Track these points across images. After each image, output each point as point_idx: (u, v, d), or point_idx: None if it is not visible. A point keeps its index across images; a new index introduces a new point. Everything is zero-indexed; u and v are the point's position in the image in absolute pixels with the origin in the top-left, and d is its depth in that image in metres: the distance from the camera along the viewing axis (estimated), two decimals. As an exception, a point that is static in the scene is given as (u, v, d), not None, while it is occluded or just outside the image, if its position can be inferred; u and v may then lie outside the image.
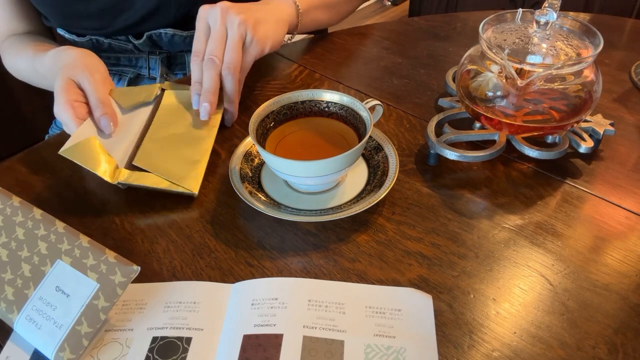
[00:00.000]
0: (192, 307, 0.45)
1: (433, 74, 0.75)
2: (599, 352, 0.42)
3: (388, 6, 2.97)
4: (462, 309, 0.45)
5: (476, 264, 0.49)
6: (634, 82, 0.72)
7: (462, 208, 0.54)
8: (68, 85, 0.60)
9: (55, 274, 0.44)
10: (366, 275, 0.48)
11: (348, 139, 0.55)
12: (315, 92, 0.57)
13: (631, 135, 0.63)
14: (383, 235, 0.52)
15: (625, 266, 0.48)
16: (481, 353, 0.42)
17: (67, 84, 0.60)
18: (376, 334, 0.42)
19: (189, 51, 0.83)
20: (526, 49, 0.54)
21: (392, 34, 0.86)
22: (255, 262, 0.50)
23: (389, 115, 0.67)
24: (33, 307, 0.43)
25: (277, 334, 0.42)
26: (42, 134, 0.95)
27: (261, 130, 0.55)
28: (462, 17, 0.91)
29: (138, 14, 0.76)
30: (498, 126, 0.57)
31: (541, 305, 0.45)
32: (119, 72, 0.86)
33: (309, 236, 0.52)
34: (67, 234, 0.45)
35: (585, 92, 0.55)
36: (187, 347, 0.42)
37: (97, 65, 0.64)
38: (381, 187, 0.52)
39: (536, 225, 0.52)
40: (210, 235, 0.52)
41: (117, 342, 0.43)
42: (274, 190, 0.55)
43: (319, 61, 0.79)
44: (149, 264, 0.50)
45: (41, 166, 0.61)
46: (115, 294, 0.42)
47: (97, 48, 0.83)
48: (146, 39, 0.79)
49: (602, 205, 0.54)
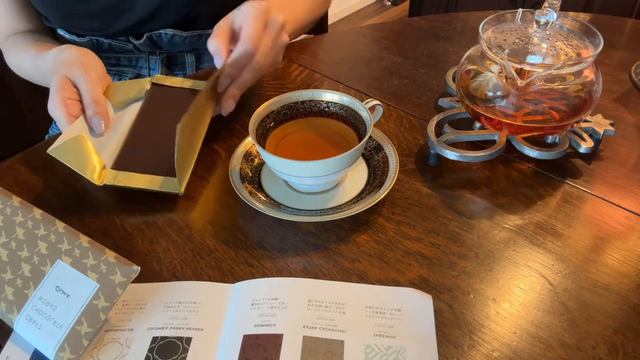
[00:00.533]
0: (192, 307, 0.45)
1: (433, 74, 0.75)
2: (599, 352, 0.42)
3: (388, 6, 2.97)
4: (462, 309, 0.45)
5: (476, 264, 0.49)
6: (634, 82, 0.72)
7: (462, 208, 0.54)
8: (63, 82, 0.60)
9: (55, 274, 0.44)
10: (366, 275, 0.48)
11: (348, 139, 0.55)
12: (315, 92, 0.57)
13: (631, 135, 0.63)
14: (383, 235, 0.52)
15: (625, 266, 0.48)
16: (481, 353, 0.42)
17: (62, 81, 0.60)
18: (376, 334, 0.42)
19: (189, 51, 0.83)
20: (526, 49, 0.54)
21: (392, 34, 0.86)
22: (255, 262, 0.50)
23: (389, 115, 0.67)
24: (33, 307, 0.43)
25: (277, 334, 0.42)
26: (42, 134, 0.95)
27: (261, 130, 0.55)
28: (462, 17, 0.91)
29: (138, 15, 0.76)
30: (498, 126, 0.57)
31: (541, 305, 0.45)
32: (119, 72, 0.86)
33: (309, 236, 0.52)
34: (67, 234, 0.45)
35: (585, 92, 0.55)
36: (187, 347, 0.42)
37: (94, 63, 0.64)
38: (381, 187, 0.52)
39: (536, 225, 0.52)
40: (210, 235, 0.52)
41: (117, 342, 0.43)
42: (274, 190, 0.55)
43: (319, 61, 0.79)
44: (149, 264, 0.50)
45: (41, 166, 0.61)
46: (115, 294, 0.42)
47: (97, 48, 0.83)
48: (146, 39, 0.79)
49: (602, 205, 0.54)
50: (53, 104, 0.59)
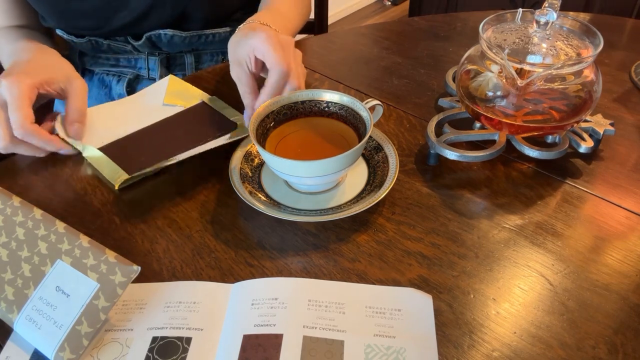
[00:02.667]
0: (192, 307, 0.45)
1: (433, 74, 0.75)
2: (599, 352, 0.42)
3: (388, 6, 2.97)
4: (462, 309, 0.45)
5: (476, 264, 0.49)
6: (634, 82, 0.72)
7: (462, 208, 0.54)
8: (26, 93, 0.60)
9: (55, 274, 0.44)
10: (366, 275, 0.48)
11: (348, 139, 0.55)
12: (315, 92, 0.57)
13: (631, 135, 0.63)
14: (383, 235, 0.52)
15: (625, 266, 0.48)
16: (481, 353, 0.42)
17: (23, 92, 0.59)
18: (376, 334, 0.42)
19: (188, 52, 0.83)
20: (526, 49, 0.54)
21: (392, 34, 0.86)
22: (255, 262, 0.50)
23: (389, 115, 0.67)
24: (33, 307, 0.43)
25: (277, 334, 0.42)
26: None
27: (261, 130, 0.55)
28: (462, 17, 0.91)
29: (133, 12, 0.76)
30: (498, 126, 0.57)
31: (541, 305, 0.45)
32: (118, 72, 0.86)
33: (309, 236, 0.52)
34: (67, 234, 0.45)
35: (585, 92, 0.55)
36: (187, 347, 0.42)
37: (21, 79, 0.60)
38: (381, 187, 0.52)
39: (536, 225, 0.52)
40: (210, 235, 0.52)
41: (117, 342, 0.43)
42: (274, 190, 0.55)
43: (319, 61, 0.79)
44: (149, 264, 0.50)
45: (41, 166, 0.61)
46: (116, 294, 0.42)
47: (96, 49, 0.83)
48: (145, 40, 0.79)
49: (602, 205, 0.54)
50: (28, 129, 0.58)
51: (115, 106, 0.70)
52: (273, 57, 0.57)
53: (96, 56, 0.86)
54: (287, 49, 0.60)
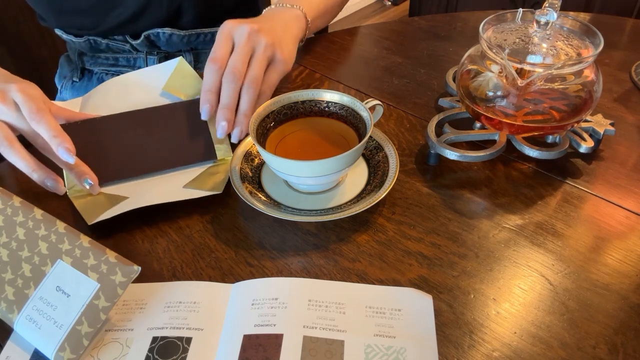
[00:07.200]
0: (192, 307, 0.45)
1: (433, 74, 0.75)
2: (599, 352, 0.42)
3: (388, 6, 2.97)
4: (462, 309, 0.45)
5: (476, 264, 0.49)
6: (634, 82, 0.72)
7: (462, 208, 0.54)
8: None
9: (55, 274, 0.44)
10: (366, 275, 0.48)
11: (348, 139, 0.55)
12: (315, 92, 0.57)
13: (631, 135, 0.63)
14: (383, 235, 0.52)
15: (625, 266, 0.48)
16: (481, 353, 0.42)
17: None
18: (376, 334, 0.42)
19: (187, 51, 0.83)
20: (526, 48, 0.54)
21: (392, 34, 0.86)
22: (255, 262, 0.50)
23: (389, 115, 0.67)
24: (33, 307, 0.43)
25: (277, 334, 0.42)
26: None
27: (261, 130, 0.55)
28: (462, 17, 0.91)
29: (130, 9, 0.76)
30: (498, 126, 0.57)
31: (541, 305, 0.45)
32: (117, 72, 0.86)
33: (309, 236, 0.52)
34: (68, 234, 0.45)
35: (585, 92, 0.55)
36: (187, 347, 0.42)
37: None
38: (381, 187, 0.52)
39: (536, 225, 0.52)
40: (210, 235, 0.52)
41: (117, 342, 0.43)
42: (274, 190, 0.55)
43: (319, 61, 0.79)
44: (149, 264, 0.50)
45: (41, 166, 0.61)
46: (116, 294, 0.42)
47: (95, 48, 0.83)
48: (144, 38, 0.79)
49: (603, 205, 0.54)
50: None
51: (118, 81, 0.66)
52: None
53: (95, 56, 0.86)
54: (238, 37, 0.61)
